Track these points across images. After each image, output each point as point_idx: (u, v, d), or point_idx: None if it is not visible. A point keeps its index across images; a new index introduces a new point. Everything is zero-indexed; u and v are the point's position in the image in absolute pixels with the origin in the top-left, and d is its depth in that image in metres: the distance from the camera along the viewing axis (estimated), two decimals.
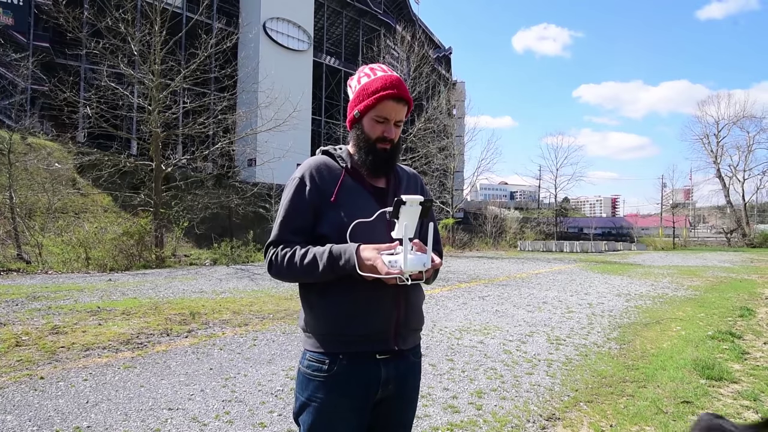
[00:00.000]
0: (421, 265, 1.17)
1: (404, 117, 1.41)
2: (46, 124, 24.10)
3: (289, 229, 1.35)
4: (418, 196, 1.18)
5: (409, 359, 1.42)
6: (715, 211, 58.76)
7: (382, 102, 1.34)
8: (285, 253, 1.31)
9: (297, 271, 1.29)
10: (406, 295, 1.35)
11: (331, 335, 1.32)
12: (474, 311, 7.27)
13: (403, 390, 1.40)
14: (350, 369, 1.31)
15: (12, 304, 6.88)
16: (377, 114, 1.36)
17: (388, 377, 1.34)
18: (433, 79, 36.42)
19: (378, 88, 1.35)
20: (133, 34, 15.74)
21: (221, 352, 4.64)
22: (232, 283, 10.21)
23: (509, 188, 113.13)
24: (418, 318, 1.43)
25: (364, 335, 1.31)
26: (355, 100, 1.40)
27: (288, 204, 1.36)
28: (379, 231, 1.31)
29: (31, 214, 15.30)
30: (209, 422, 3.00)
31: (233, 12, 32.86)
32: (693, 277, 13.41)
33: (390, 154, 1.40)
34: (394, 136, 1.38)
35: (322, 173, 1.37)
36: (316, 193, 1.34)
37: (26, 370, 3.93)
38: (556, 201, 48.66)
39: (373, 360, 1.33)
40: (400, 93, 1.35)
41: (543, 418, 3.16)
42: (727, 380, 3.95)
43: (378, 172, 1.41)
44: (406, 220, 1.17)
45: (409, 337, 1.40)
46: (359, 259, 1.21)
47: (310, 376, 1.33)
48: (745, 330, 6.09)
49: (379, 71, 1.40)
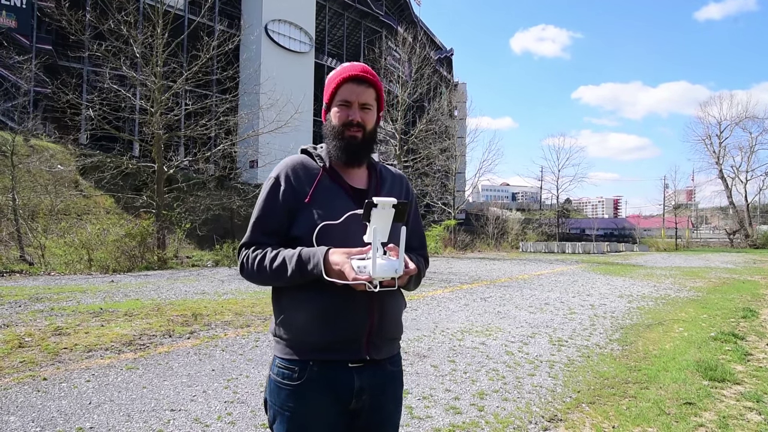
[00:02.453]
0: (393, 271, 1.10)
1: (373, 101, 1.34)
2: (49, 126, 24.19)
3: (262, 231, 1.31)
4: (391, 199, 1.11)
5: (386, 368, 1.34)
6: (718, 212, 58.63)
7: (343, 86, 1.32)
8: (256, 255, 1.27)
9: (267, 275, 1.25)
10: (380, 303, 1.28)
11: (301, 341, 1.27)
12: (476, 312, 7.26)
13: (381, 401, 1.32)
14: (321, 377, 1.25)
15: (15, 306, 6.90)
16: (340, 99, 1.32)
17: (362, 386, 1.27)
18: (435, 80, 36.45)
19: (338, 74, 1.33)
20: (135, 37, 15.80)
21: (223, 353, 4.64)
22: (234, 284, 10.22)
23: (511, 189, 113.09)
24: (395, 327, 1.36)
25: (335, 342, 1.25)
26: (324, 94, 1.38)
27: (262, 204, 1.32)
28: (354, 235, 1.24)
29: (33, 215, 15.34)
30: (211, 423, 3.00)
31: (235, 14, 32.97)
32: (695, 279, 13.37)
33: (363, 141, 1.33)
34: (360, 119, 1.32)
35: (298, 173, 1.33)
36: (290, 193, 1.30)
37: (29, 371, 3.94)
38: (558, 202, 48.60)
39: (345, 368, 1.27)
40: (360, 74, 1.31)
41: (545, 420, 3.16)
42: (730, 381, 3.94)
43: (350, 160, 1.34)
44: (377, 223, 1.10)
45: (383, 346, 1.32)
46: (327, 264, 1.16)
47: (281, 384, 1.28)
48: (747, 331, 6.07)
49: (345, 64, 1.37)
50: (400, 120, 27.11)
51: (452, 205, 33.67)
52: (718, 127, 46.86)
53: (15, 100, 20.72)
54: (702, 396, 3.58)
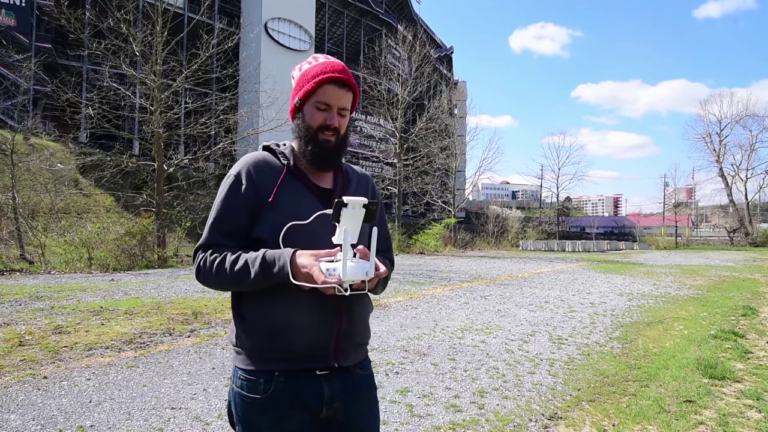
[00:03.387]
0: (363, 273, 1.06)
1: (350, 106, 1.29)
2: (49, 124, 24.18)
3: (221, 232, 1.23)
4: (361, 198, 1.07)
5: (355, 374, 1.28)
6: (718, 210, 58.66)
7: (323, 86, 1.23)
8: (214, 258, 1.18)
9: (226, 279, 1.16)
10: (349, 307, 1.22)
11: (265, 351, 1.19)
12: (476, 311, 7.26)
13: (353, 407, 1.26)
14: (288, 387, 1.18)
15: (15, 304, 6.90)
16: (318, 100, 1.24)
17: (332, 394, 1.21)
18: (435, 78, 36.43)
19: (318, 72, 1.25)
20: (134, 35, 15.78)
21: (223, 351, 4.64)
22: None
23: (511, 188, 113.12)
24: (363, 332, 1.31)
25: (302, 350, 1.19)
26: (296, 88, 1.29)
27: (220, 204, 1.24)
28: (322, 236, 1.18)
29: (33, 214, 15.34)
30: (212, 421, 3.00)
31: (234, 12, 32.93)
32: (695, 277, 13.38)
33: (335, 146, 1.27)
34: (337, 125, 1.26)
35: (262, 170, 1.25)
36: (252, 192, 1.22)
37: (29, 370, 3.94)
38: (558, 200, 48.62)
39: (313, 376, 1.20)
40: (342, 77, 1.24)
41: (545, 418, 3.16)
42: (730, 379, 3.94)
43: (322, 165, 1.28)
44: (347, 224, 1.06)
45: (351, 352, 1.27)
46: (294, 266, 1.09)
47: (246, 397, 1.19)
48: (748, 329, 6.08)
49: (321, 58, 1.30)
50: (400, 118, 27.09)
51: (452, 204, 33.67)
52: (719, 125, 46.91)
53: (15, 99, 20.71)
54: (702, 394, 3.58)
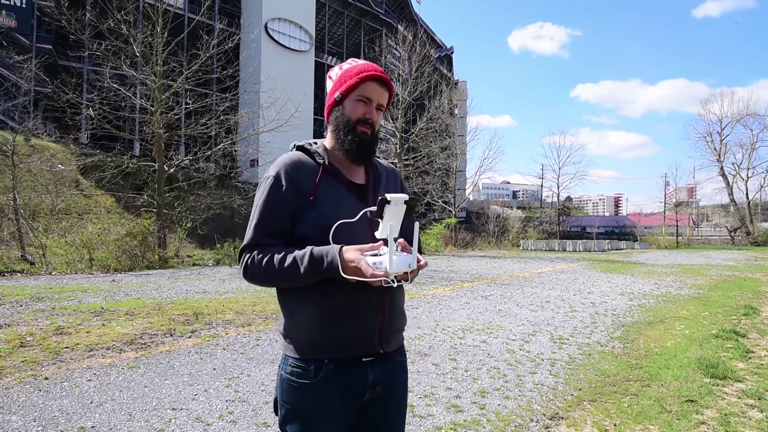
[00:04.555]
0: (406, 266, 1.13)
1: (386, 105, 1.37)
2: (49, 125, 24.22)
3: (264, 232, 1.27)
4: (403, 195, 1.14)
5: (394, 360, 1.39)
6: (719, 209, 58.57)
7: (366, 82, 1.31)
8: (262, 257, 1.23)
9: (276, 276, 1.22)
10: (390, 297, 1.31)
11: (316, 341, 1.27)
12: (477, 311, 7.26)
13: (391, 391, 1.37)
14: (336, 373, 1.26)
15: (16, 305, 6.91)
16: (360, 93, 1.32)
17: (375, 379, 1.31)
18: (435, 78, 36.41)
19: (362, 69, 1.33)
20: (135, 36, 15.79)
21: (224, 352, 4.65)
22: (235, 283, 10.22)
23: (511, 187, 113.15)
24: (401, 319, 1.41)
25: (349, 339, 1.27)
26: (337, 84, 1.35)
27: (262, 205, 1.28)
28: (361, 231, 1.26)
29: (34, 215, 15.35)
30: (213, 422, 3.00)
31: (235, 13, 32.94)
32: (697, 276, 13.36)
33: (371, 139, 1.35)
34: (375, 119, 1.34)
35: (299, 170, 1.30)
36: (292, 192, 1.27)
37: (31, 371, 3.95)
38: (559, 200, 48.52)
39: (359, 363, 1.30)
40: (384, 76, 1.33)
41: (546, 418, 3.16)
42: (732, 379, 3.93)
43: (358, 157, 1.35)
44: (391, 219, 1.13)
45: (393, 338, 1.37)
46: (342, 261, 1.15)
47: (295, 383, 1.28)
48: (749, 329, 6.06)
49: (361, 61, 1.38)
50: (401, 118, 27.05)
51: (453, 204, 33.64)
52: (719, 124, 46.72)
53: (15, 100, 20.75)
54: (703, 393, 3.57)
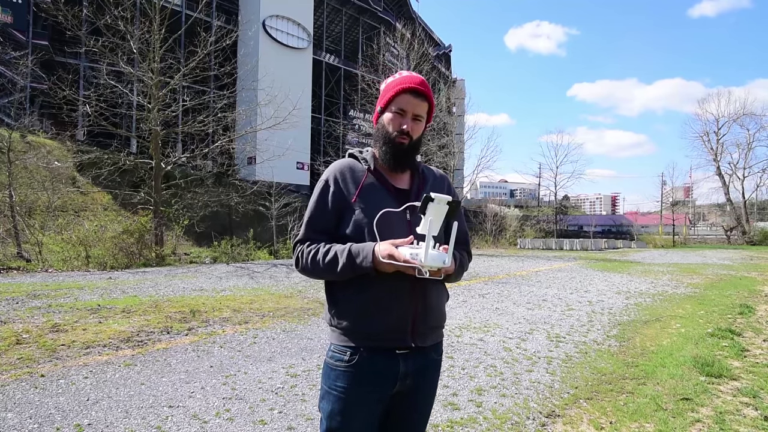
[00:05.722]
0: (441, 262, 1.20)
1: (424, 114, 1.46)
2: (46, 122, 24.07)
3: (314, 229, 1.44)
4: (446, 196, 1.21)
5: (429, 356, 1.46)
6: (715, 208, 58.76)
7: (401, 95, 1.42)
8: (310, 251, 1.39)
9: (320, 269, 1.37)
10: (423, 293, 1.39)
11: (352, 330, 1.38)
12: (474, 309, 7.27)
13: (420, 384, 1.44)
14: (370, 361, 1.37)
15: (12, 303, 6.88)
16: (396, 106, 1.43)
17: (406, 371, 1.39)
18: (433, 77, 36.36)
19: (398, 82, 1.44)
20: (132, 32, 15.72)
21: (221, 349, 4.64)
22: (232, 281, 10.21)
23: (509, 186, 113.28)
24: (438, 315, 1.46)
25: (382, 331, 1.37)
26: (380, 98, 1.48)
27: (314, 205, 1.45)
28: (400, 228, 1.37)
29: (31, 212, 15.28)
30: (210, 420, 3.00)
31: (232, 9, 32.80)
32: (693, 275, 13.41)
33: (408, 148, 1.44)
34: (410, 129, 1.43)
35: (346, 175, 1.44)
36: (339, 194, 1.42)
37: (27, 368, 3.93)
38: (556, 199, 48.60)
39: (392, 354, 1.38)
40: (419, 87, 1.41)
41: (543, 416, 3.17)
42: (727, 377, 3.95)
43: (397, 165, 1.46)
44: (432, 216, 1.21)
45: (428, 334, 1.44)
46: (375, 256, 1.26)
47: (333, 366, 1.40)
48: (744, 327, 6.10)
49: (405, 73, 1.47)
50: None
51: None
52: (716, 123, 46.85)
53: (11, 96, 20.62)
54: (699, 392, 3.59)
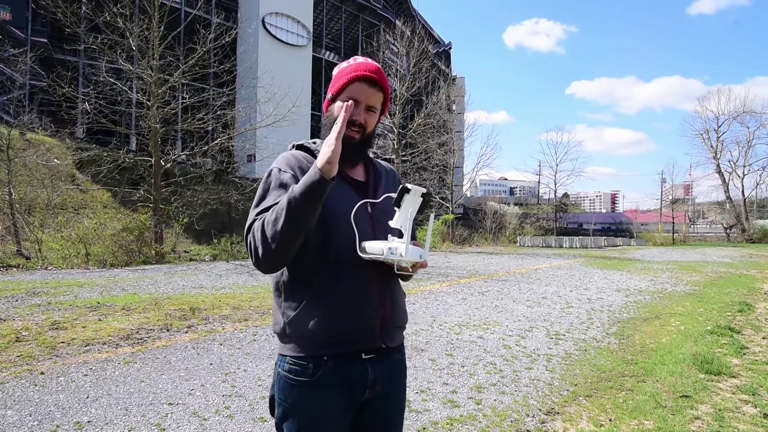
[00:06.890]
0: (418, 256, 1.18)
1: (379, 105, 1.34)
2: (45, 119, 24.02)
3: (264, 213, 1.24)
4: (421, 188, 1.16)
5: (394, 357, 1.38)
6: (715, 206, 58.81)
7: (354, 83, 1.30)
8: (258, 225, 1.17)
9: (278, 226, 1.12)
10: (391, 291, 1.32)
11: (316, 337, 1.24)
12: (473, 306, 7.28)
13: (390, 389, 1.35)
14: (336, 371, 1.25)
15: (12, 300, 6.88)
16: (348, 95, 1.30)
17: (375, 377, 1.29)
18: (433, 74, 36.33)
19: (352, 69, 1.32)
20: (131, 30, 15.69)
21: (221, 347, 4.65)
22: (232, 278, 10.21)
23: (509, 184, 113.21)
24: (403, 315, 1.40)
25: (351, 333, 1.25)
26: (331, 84, 1.36)
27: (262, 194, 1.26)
28: (363, 222, 1.27)
29: (30, 210, 15.27)
30: (209, 417, 3.00)
31: (232, 7, 32.73)
32: (692, 273, 13.43)
33: (359, 142, 1.32)
34: (363, 121, 1.31)
35: (301, 162, 1.30)
36: (292, 180, 1.25)
37: (26, 366, 3.94)
38: (556, 196, 48.60)
39: (359, 360, 1.28)
40: (373, 76, 1.30)
41: (542, 413, 3.17)
42: (726, 375, 3.96)
43: (347, 161, 1.29)
44: (409, 208, 1.18)
45: (395, 334, 1.37)
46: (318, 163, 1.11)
47: (293, 380, 1.25)
48: (744, 325, 6.10)
49: (360, 59, 1.36)
50: (398, 114, 26.99)
51: (450, 200, 33.65)
52: (716, 121, 46.81)
53: (10, 94, 20.58)
54: (698, 389, 3.60)
